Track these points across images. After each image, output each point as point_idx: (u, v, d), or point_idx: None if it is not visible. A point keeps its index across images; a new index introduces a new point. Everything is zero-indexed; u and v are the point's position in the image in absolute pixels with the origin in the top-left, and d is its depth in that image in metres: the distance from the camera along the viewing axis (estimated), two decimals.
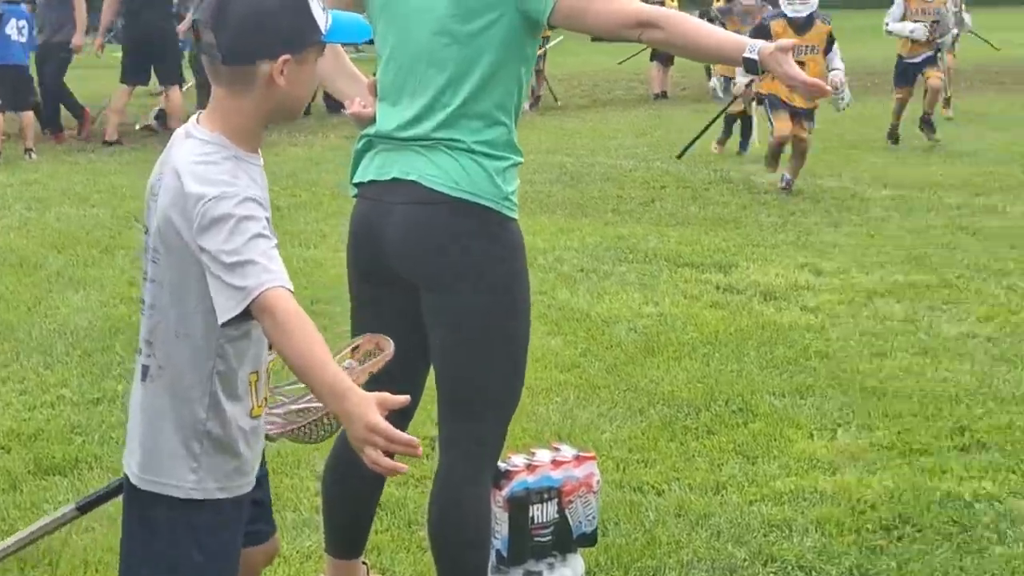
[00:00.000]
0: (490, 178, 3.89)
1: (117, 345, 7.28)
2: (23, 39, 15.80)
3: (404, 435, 2.74)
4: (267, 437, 3.20)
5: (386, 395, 2.79)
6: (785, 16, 12.52)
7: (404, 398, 2.82)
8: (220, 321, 2.88)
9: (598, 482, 4.70)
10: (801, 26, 12.34)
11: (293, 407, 3.25)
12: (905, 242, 10.41)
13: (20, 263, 9.51)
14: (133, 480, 3.18)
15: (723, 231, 11.01)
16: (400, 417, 4.37)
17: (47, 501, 5.36)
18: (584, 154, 15.74)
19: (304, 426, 3.32)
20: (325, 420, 3.33)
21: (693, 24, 3.90)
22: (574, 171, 14.34)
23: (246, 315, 2.86)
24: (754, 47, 3.78)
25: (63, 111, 16.95)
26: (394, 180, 3.94)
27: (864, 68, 22.91)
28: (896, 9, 16.30)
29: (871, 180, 13.52)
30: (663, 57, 21.65)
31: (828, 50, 12.55)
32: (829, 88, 4.11)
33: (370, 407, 2.75)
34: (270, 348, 3.16)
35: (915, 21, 15.93)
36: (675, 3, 19.13)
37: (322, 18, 3.11)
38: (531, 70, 4.04)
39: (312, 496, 5.34)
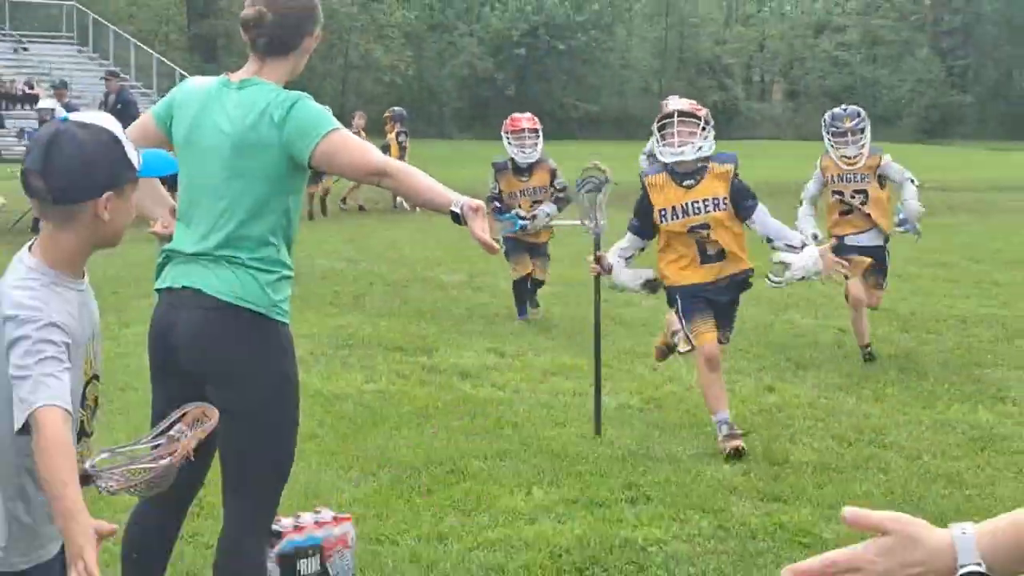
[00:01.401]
0: (262, 288, 3.89)
1: None
2: None
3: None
4: (107, 491, 3.02)
5: (103, 524, 2.73)
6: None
7: (112, 527, 2.77)
8: (15, 429, 2.77)
9: (353, 539, 4.60)
10: (523, 170, 11.13)
11: (132, 467, 3.07)
12: (568, 330, 10.57)
13: None
14: None
15: (423, 321, 10.99)
16: (188, 488, 4.21)
17: None
18: (303, 257, 15.55)
19: (141, 483, 3.13)
20: (157, 479, 3.15)
21: (417, 177, 3.93)
22: (296, 271, 14.04)
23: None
24: (460, 202, 3.84)
25: None
26: (184, 288, 3.90)
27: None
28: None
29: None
30: None
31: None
32: (496, 247, 4.04)
33: (90, 541, 2.67)
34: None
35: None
36: None
37: (135, 157, 3.06)
38: (300, 200, 4.04)
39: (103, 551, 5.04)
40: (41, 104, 19.63)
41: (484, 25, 61.30)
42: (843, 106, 9.53)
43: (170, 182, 4.40)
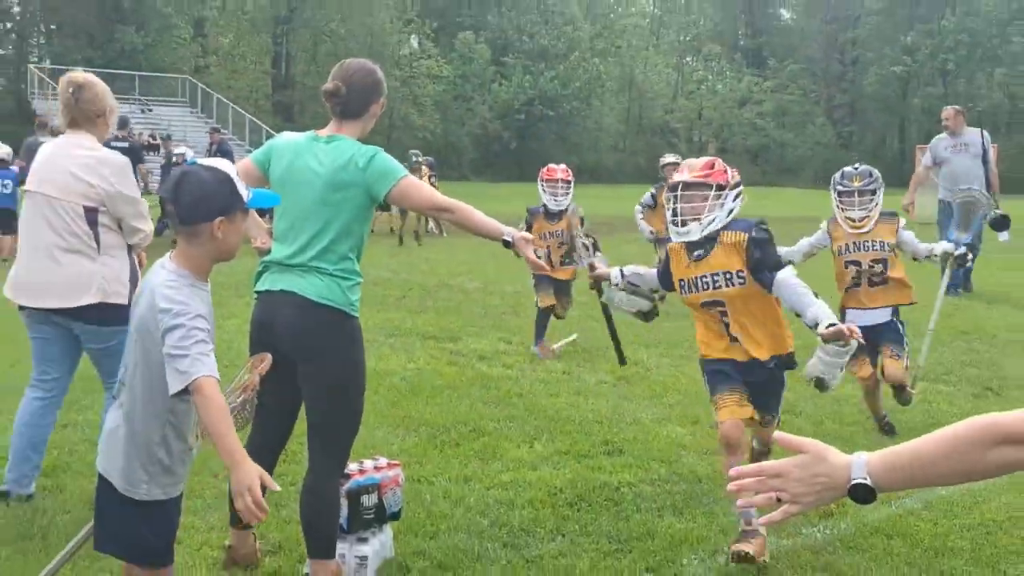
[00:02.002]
0: (342, 291, 3.86)
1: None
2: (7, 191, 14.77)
3: (265, 504, 2.68)
4: (203, 436, 3.02)
5: (266, 475, 2.72)
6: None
7: (276, 488, 2.75)
8: (170, 393, 2.79)
9: (402, 479, 4.56)
10: (553, 215, 9.02)
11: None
12: (560, 326, 10.40)
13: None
14: (113, 482, 3.01)
15: (450, 316, 10.95)
16: (279, 441, 4.19)
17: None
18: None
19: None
20: (242, 413, 3.15)
21: (473, 212, 3.97)
22: None
23: (186, 390, 2.77)
24: (510, 233, 3.91)
25: None
26: (281, 291, 3.86)
27: None
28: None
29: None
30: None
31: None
32: (547, 267, 4.01)
33: (255, 477, 2.67)
34: None
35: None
36: None
37: (245, 193, 3.06)
38: (369, 227, 4.02)
39: (212, 488, 5.03)
40: (177, 150, 20.09)
41: (494, 96, 61.16)
42: (856, 165, 6.47)
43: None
